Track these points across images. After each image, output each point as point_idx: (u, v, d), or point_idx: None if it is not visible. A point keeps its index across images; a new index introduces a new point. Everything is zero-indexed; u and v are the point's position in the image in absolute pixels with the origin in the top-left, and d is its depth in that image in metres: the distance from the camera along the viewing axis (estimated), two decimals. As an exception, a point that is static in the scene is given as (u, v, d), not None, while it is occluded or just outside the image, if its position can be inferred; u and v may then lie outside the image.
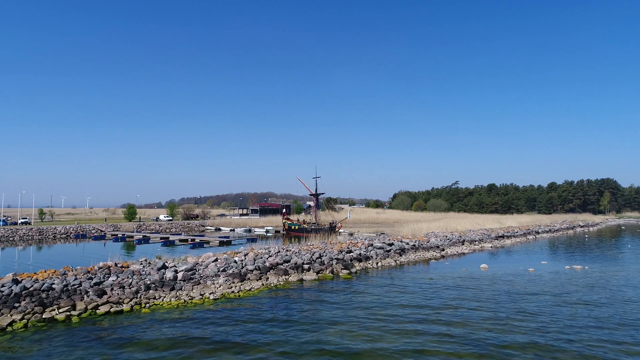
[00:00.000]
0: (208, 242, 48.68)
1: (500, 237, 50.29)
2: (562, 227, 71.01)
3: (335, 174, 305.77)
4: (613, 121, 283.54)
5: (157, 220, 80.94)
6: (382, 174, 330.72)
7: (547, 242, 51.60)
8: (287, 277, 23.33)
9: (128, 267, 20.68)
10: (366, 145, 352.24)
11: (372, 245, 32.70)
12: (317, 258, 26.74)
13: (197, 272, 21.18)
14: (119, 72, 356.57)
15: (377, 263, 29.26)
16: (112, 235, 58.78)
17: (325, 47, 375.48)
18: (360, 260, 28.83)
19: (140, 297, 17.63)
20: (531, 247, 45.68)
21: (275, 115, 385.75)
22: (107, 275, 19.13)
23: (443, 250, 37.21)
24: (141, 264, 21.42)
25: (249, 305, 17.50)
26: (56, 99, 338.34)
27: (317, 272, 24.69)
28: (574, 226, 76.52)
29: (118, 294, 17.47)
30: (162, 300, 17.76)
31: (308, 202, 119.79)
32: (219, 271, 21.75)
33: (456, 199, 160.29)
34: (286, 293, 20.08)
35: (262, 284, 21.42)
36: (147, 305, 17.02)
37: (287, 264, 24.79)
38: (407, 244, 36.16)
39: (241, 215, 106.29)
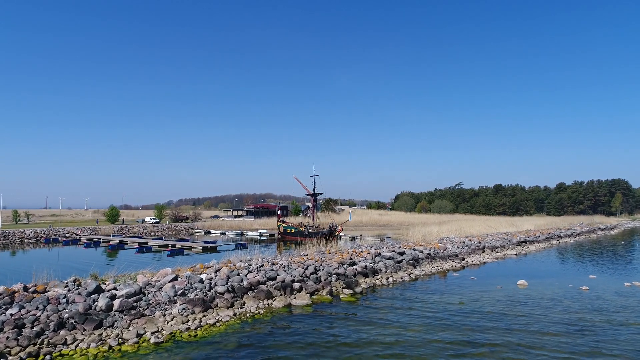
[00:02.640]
0: (190, 248, 42.82)
1: (523, 242, 44.42)
2: (584, 230, 65.16)
3: (335, 175, 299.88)
4: (618, 121, 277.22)
5: (142, 223, 75.03)
6: (382, 174, 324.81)
7: (576, 248, 45.67)
8: (270, 301, 17.47)
9: (45, 291, 14.84)
10: (366, 146, 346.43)
11: (380, 254, 26.85)
12: (311, 274, 20.89)
13: (144, 298, 15.33)
14: (119, 74, 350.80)
15: (387, 278, 23.41)
16: (87, 239, 52.94)
17: (326, 48, 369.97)
18: (366, 275, 22.97)
19: (41, 343, 11.77)
20: (561, 254, 39.80)
21: (275, 116, 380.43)
22: (5, 307, 13.30)
23: (463, 259, 31.36)
24: (67, 286, 15.57)
25: (206, 355, 11.66)
26: (56, 100, 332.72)
27: (311, 294, 18.86)
28: (594, 229, 70.67)
29: (7, 338, 11.62)
30: (76, 346, 11.90)
31: (307, 204, 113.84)
32: (176, 295, 15.91)
33: (461, 200, 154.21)
34: (266, 329, 14.23)
35: (234, 314, 15.57)
36: (48, 357, 11.18)
37: (271, 283, 18.95)
38: (421, 252, 30.31)
39: (235, 217, 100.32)
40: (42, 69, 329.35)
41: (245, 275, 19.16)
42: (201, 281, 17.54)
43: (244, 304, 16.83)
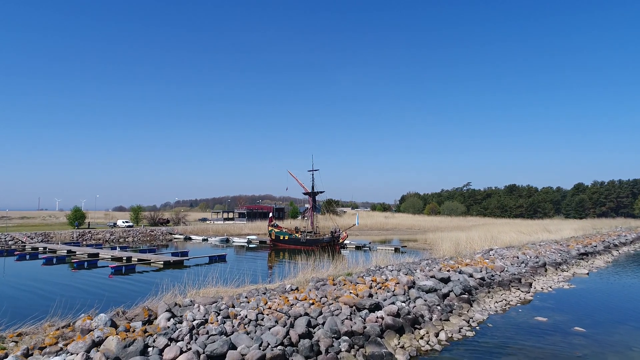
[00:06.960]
0: (149, 262, 32.68)
1: (584, 254, 34.26)
2: (634, 237, 55.07)
3: (336, 176, 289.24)
4: (622, 120, 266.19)
5: (113, 227, 64.90)
6: (385, 176, 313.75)
7: (647, 262, 35.45)
8: None
9: None
10: (367, 147, 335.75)
11: (415, 285, 16.68)
12: (301, 336, 10.75)
13: None
14: (120, 75, 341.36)
15: (435, 334, 13.28)
16: (33, 248, 42.93)
17: (328, 49, 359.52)
18: (400, 331, 12.81)
19: None
20: (643, 272, 29.64)
21: (275, 118, 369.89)
22: None
23: (530, 285, 21.23)
24: None
25: None
26: (55, 101, 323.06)
27: (298, 394, 8.73)
28: (641, 235, 60.50)
29: None
30: None
31: (305, 205, 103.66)
32: None
33: (473, 202, 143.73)
34: None
35: None
36: None
37: (213, 369, 8.82)
38: (471, 276, 20.21)
39: (225, 219, 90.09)
40: (41, 70, 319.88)
41: (160, 353, 9.04)
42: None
43: None
